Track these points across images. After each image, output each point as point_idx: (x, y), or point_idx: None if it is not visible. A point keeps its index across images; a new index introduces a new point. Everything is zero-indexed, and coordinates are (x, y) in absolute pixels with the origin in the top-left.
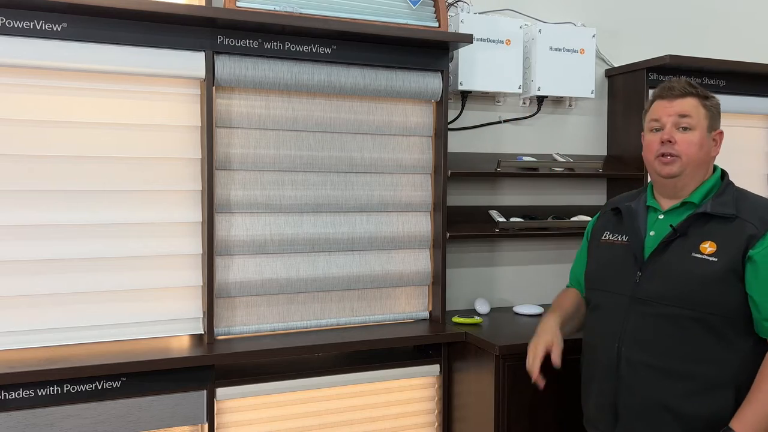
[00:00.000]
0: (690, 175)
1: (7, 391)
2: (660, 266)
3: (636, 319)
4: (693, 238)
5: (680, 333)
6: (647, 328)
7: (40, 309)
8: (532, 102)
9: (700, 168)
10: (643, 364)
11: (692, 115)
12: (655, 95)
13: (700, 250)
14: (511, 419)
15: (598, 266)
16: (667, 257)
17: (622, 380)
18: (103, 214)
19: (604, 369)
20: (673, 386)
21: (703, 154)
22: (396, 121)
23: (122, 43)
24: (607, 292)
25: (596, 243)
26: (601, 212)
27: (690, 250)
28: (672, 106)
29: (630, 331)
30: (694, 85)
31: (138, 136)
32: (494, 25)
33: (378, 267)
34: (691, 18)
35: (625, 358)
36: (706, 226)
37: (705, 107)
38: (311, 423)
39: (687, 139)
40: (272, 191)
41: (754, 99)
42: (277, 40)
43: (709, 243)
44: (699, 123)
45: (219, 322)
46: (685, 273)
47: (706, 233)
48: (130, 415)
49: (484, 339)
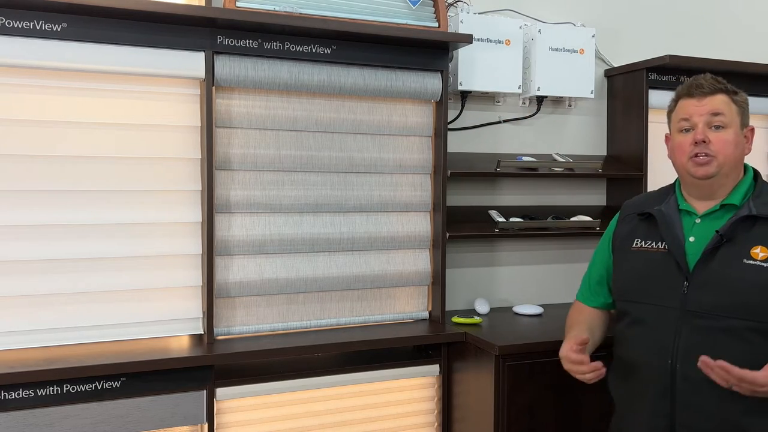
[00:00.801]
0: (726, 175)
1: (6, 391)
2: (710, 275)
3: (690, 333)
4: (742, 243)
5: (743, 346)
6: (706, 342)
7: (40, 309)
8: (532, 102)
9: (736, 167)
10: (706, 381)
11: (725, 113)
12: (680, 94)
13: (751, 256)
14: (510, 419)
15: (634, 276)
16: (716, 265)
17: (680, 399)
18: (103, 214)
19: (657, 388)
20: (739, 403)
21: (739, 153)
22: (396, 121)
23: (122, 43)
24: (650, 305)
25: (625, 251)
26: (621, 217)
27: (741, 257)
28: (702, 104)
29: (684, 346)
30: (722, 81)
31: (138, 136)
32: (494, 26)
33: (378, 267)
34: (691, 18)
35: (682, 376)
36: (753, 229)
37: (736, 103)
38: (311, 423)
39: (722, 138)
40: (272, 191)
41: (754, 99)
42: (277, 40)
43: (761, 248)
44: (732, 120)
45: (219, 322)
46: (740, 281)
47: (755, 237)
48: (129, 415)
49: (484, 339)
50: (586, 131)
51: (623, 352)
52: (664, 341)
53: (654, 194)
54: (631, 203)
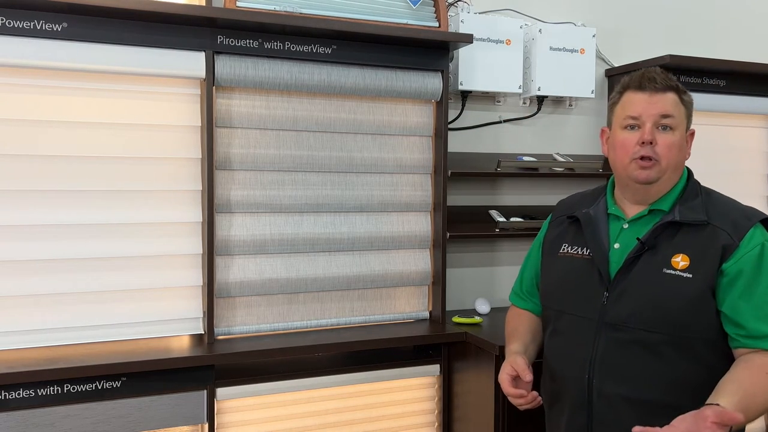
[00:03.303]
0: (667, 180)
1: (7, 391)
2: (629, 285)
3: (606, 345)
4: (663, 251)
5: (656, 360)
6: (620, 356)
7: (40, 309)
8: (532, 102)
9: (676, 172)
10: (619, 397)
11: (674, 115)
12: (628, 85)
13: (672, 265)
14: (511, 419)
15: (557, 284)
16: (635, 274)
17: (595, 415)
18: (104, 214)
19: (574, 402)
20: (654, 420)
21: (682, 157)
22: (396, 121)
23: (122, 43)
24: (572, 315)
25: (553, 256)
26: (553, 218)
27: (661, 266)
28: (653, 102)
29: (600, 359)
30: (672, 78)
31: (138, 135)
32: (494, 25)
33: (378, 267)
34: (692, 18)
35: (597, 391)
36: (677, 237)
37: (684, 104)
38: (311, 423)
39: (668, 141)
40: (272, 191)
41: (754, 99)
42: (278, 40)
43: (682, 256)
44: (680, 123)
45: (219, 322)
46: (657, 292)
47: (677, 245)
48: (130, 415)
49: (484, 339)
50: (587, 131)
51: (548, 360)
52: (582, 354)
53: (588, 194)
54: (563, 204)
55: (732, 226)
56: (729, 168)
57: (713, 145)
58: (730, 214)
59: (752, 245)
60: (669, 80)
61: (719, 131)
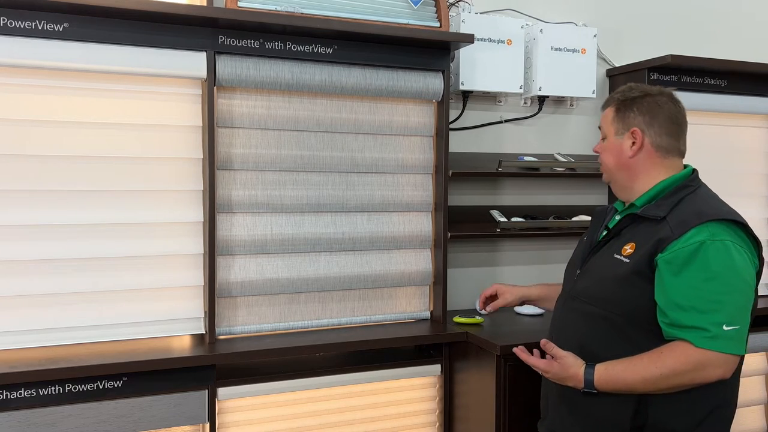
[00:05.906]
0: (620, 181)
1: (8, 391)
2: (590, 265)
3: (562, 311)
4: (622, 239)
5: (587, 328)
6: (567, 319)
7: (41, 309)
8: (534, 102)
9: (623, 172)
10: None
11: (603, 125)
12: None
13: (621, 252)
14: (512, 419)
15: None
16: (597, 258)
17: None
18: (105, 213)
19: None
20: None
21: (620, 159)
22: (397, 121)
23: (124, 43)
24: (563, 290)
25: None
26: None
27: (613, 251)
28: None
29: (557, 322)
30: (621, 91)
31: (139, 136)
32: (495, 25)
33: (379, 267)
34: (693, 18)
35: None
36: (637, 228)
37: (618, 111)
38: (312, 423)
39: (601, 149)
40: (273, 191)
41: (755, 99)
42: (279, 40)
43: (631, 245)
44: (608, 130)
45: (220, 322)
46: (603, 272)
47: (633, 236)
48: (131, 414)
49: (485, 339)
50: (588, 131)
51: None
52: (554, 320)
53: None
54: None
55: (679, 222)
56: (729, 168)
57: (714, 145)
58: (686, 212)
59: (692, 241)
60: (611, 97)
61: (720, 131)
